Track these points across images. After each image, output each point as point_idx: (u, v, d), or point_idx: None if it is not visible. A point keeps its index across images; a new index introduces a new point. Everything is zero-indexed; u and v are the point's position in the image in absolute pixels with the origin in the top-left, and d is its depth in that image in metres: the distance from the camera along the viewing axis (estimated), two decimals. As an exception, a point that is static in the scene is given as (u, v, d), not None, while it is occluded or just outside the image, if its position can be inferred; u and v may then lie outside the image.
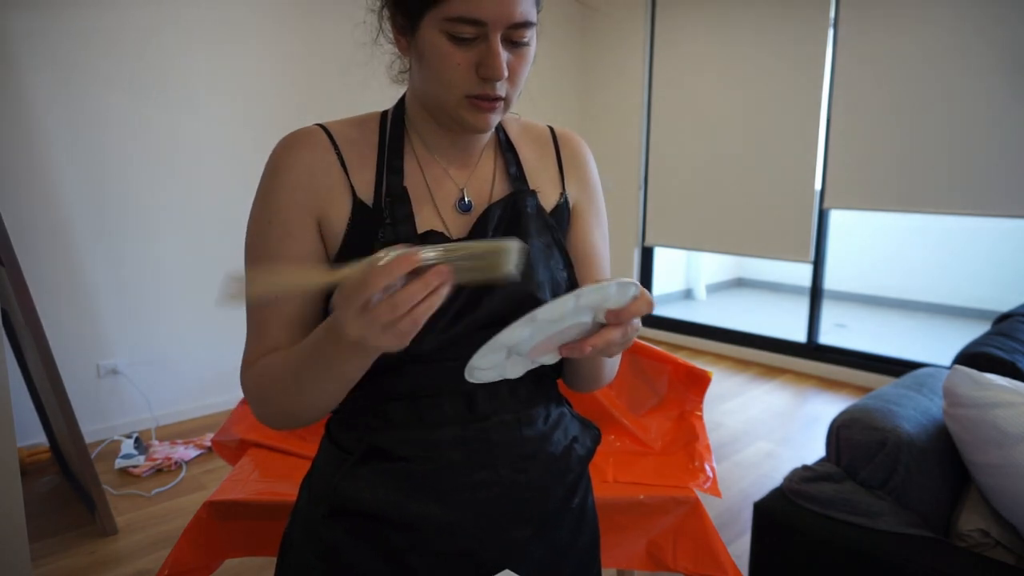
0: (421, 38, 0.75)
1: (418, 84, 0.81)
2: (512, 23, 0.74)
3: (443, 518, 0.81)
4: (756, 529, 1.43)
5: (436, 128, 0.84)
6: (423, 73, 0.78)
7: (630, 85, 4.82)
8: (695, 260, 6.71)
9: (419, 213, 0.82)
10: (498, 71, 0.74)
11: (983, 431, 1.27)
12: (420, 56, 0.76)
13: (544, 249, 0.85)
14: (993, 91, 3.38)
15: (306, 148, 0.81)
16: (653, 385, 1.77)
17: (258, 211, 0.81)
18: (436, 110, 0.81)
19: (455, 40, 0.73)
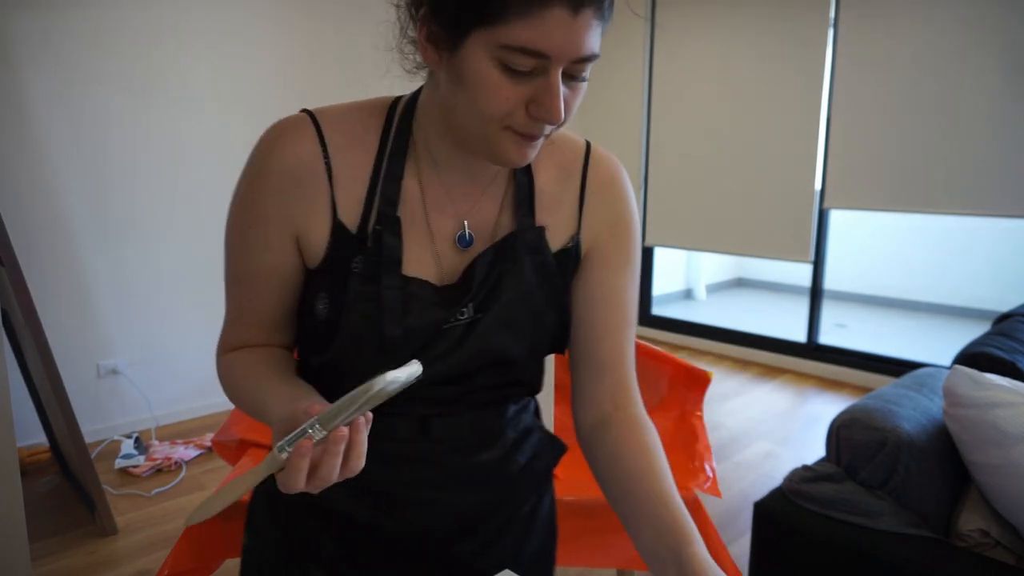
0: (464, 59, 0.63)
1: (446, 100, 0.68)
2: (578, 57, 0.64)
3: (390, 527, 0.80)
4: (756, 529, 1.43)
5: (449, 144, 0.73)
6: (458, 95, 0.66)
7: (630, 85, 4.82)
8: (695, 260, 6.71)
9: (410, 247, 0.74)
10: (557, 114, 0.64)
11: (983, 431, 1.27)
12: (458, 77, 0.64)
13: (538, 298, 0.77)
14: (993, 91, 3.38)
15: (293, 147, 0.71)
16: (653, 385, 1.77)
17: (238, 212, 0.75)
18: (463, 134, 0.69)
19: (508, 71, 0.62)
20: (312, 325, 0.75)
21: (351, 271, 0.71)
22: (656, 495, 0.73)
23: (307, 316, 0.76)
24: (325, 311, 0.73)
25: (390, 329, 0.71)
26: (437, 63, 0.67)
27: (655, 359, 1.76)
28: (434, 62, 0.67)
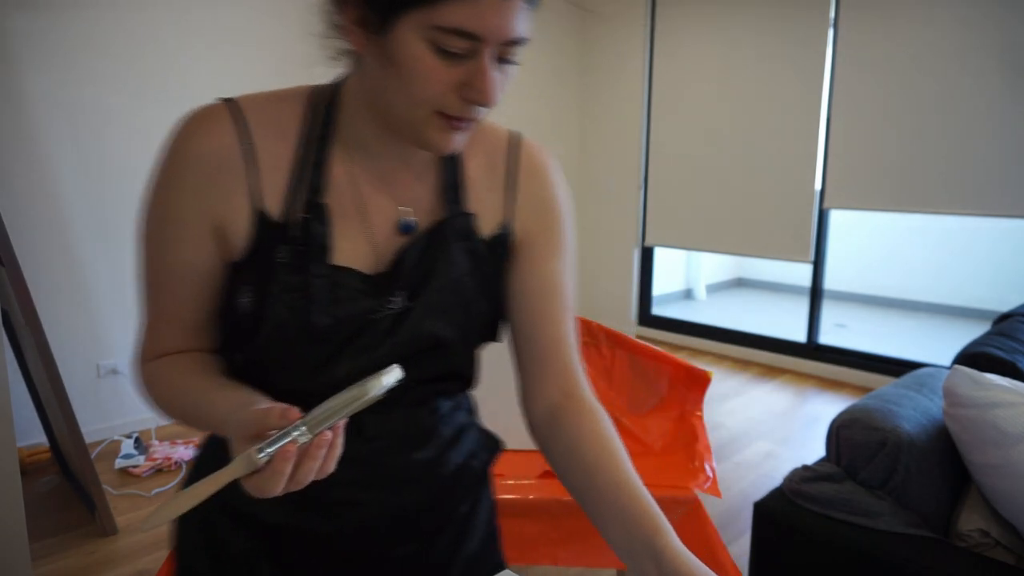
0: (396, 41, 0.62)
1: (375, 85, 0.68)
2: (509, 39, 0.64)
3: (327, 532, 0.78)
4: (756, 529, 1.43)
5: (378, 129, 0.72)
6: (388, 79, 0.65)
7: (630, 86, 4.82)
8: (695, 260, 6.71)
9: (341, 235, 0.72)
10: (490, 96, 0.64)
11: (983, 431, 1.27)
12: (389, 61, 0.63)
13: (469, 286, 0.76)
14: (993, 91, 3.38)
15: (210, 137, 0.69)
16: (653, 385, 1.77)
17: (154, 207, 0.71)
18: (392, 119, 0.68)
19: (442, 53, 0.62)
20: (235, 321, 0.72)
21: (276, 261, 0.69)
22: (620, 485, 0.73)
23: (229, 312, 0.73)
24: (249, 305, 0.70)
25: (318, 318, 0.69)
26: (365, 47, 0.65)
27: (655, 359, 1.76)
28: (361, 46, 0.66)
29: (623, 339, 1.78)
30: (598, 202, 5.12)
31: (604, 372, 1.77)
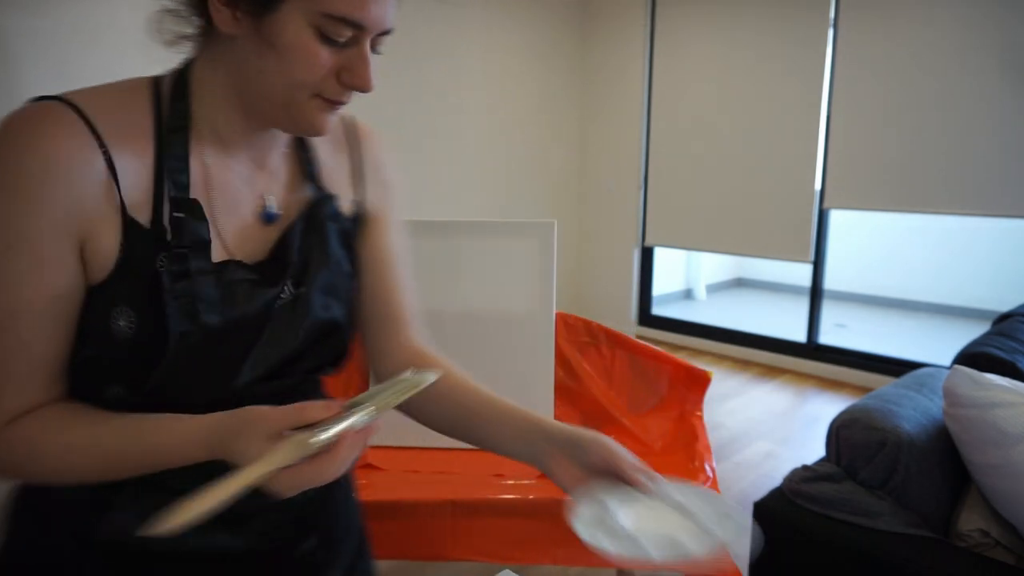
0: (279, 24, 0.62)
1: (246, 68, 0.66)
2: (384, 29, 0.67)
3: (233, 543, 0.74)
4: (756, 529, 1.43)
5: (236, 117, 0.70)
6: (266, 62, 0.64)
7: (630, 85, 4.82)
8: (695, 260, 6.71)
9: (215, 232, 0.68)
10: (368, 82, 0.67)
11: (983, 431, 1.27)
12: (269, 44, 0.63)
13: (345, 265, 0.77)
14: (993, 91, 3.38)
15: (60, 142, 0.61)
16: (653, 385, 1.77)
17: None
18: (265, 103, 0.67)
19: (326, 40, 0.63)
20: (108, 350, 0.64)
21: (158, 270, 0.63)
22: (491, 404, 0.82)
23: (99, 342, 0.64)
24: (130, 327, 0.63)
25: (220, 319, 0.66)
26: (238, 28, 0.64)
27: (655, 359, 1.76)
28: (233, 27, 0.64)
29: (623, 339, 1.79)
30: (598, 202, 5.12)
31: (604, 372, 1.77)
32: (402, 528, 1.39)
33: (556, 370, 1.71)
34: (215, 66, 0.68)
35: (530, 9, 4.67)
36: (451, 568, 2.19)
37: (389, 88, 4.00)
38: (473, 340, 1.69)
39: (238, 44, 0.66)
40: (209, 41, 0.69)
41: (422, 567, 2.19)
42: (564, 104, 5.04)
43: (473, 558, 1.39)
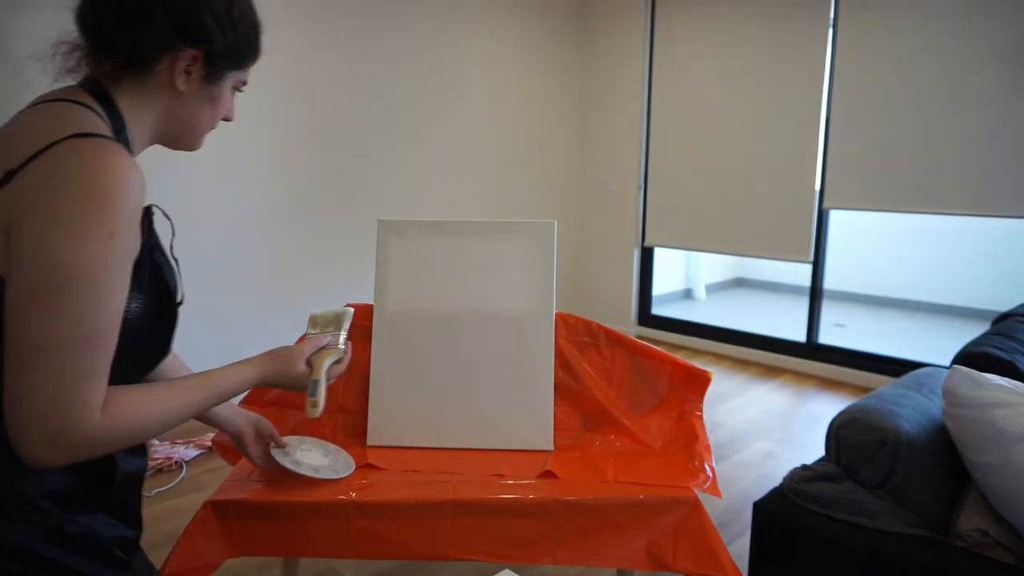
0: (220, 87, 0.93)
1: (184, 113, 0.92)
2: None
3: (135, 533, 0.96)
4: (756, 529, 1.43)
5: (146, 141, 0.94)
6: (204, 110, 0.93)
7: (630, 85, 4.82)
8: (695, 260, 6.71)
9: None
10: (232, 116, 0.99)
11: (982, 431, 1.27)
12: (211, 99, 0.93)
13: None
14: (993, 91, 3.38)
15: (137, 176, 0.78)
16: (653, 385, 1.77)
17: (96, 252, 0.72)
18: (185, 134, 0.95)
19: (234, 92, 0.98)
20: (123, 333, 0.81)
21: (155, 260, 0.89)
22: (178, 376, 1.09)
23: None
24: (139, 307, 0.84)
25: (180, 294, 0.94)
26: (186, 86, 0.90)
27: (654, 359, 1.76)
28: (184, 85, 0.89)
29: (623, 339, 1.79)
30: (598, 202, 5.12)
31: (604, 372, 1.77)
32: (402, 528, 1.39)
33: (556, 370, 1.71)
34: (149, 104, 0.90)
35: (530, 9, 4.67)
36: (451, 568, 2.19)
37: (389, 88, 4.00)
38: (473, 340, 1.69)
39: (182, 97, 0.91)
40: (142, 87, 0.88)
41: (422, 567, 2.19)
42: (564, 104, 5.05)
43: (473, 558, 1.39)
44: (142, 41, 0.85)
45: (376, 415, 1.69)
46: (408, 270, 1.74)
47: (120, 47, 0.86)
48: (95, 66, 0.89)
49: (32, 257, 0.71)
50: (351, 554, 1.40)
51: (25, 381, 0.72)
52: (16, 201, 0.73)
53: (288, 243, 3.59)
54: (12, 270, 0.72)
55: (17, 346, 0.72)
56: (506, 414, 1.68)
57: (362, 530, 1.39)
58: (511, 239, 1.73)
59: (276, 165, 3.52)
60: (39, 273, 0.71)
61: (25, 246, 0.72)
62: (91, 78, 0.89)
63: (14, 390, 0.72)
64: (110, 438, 0.78)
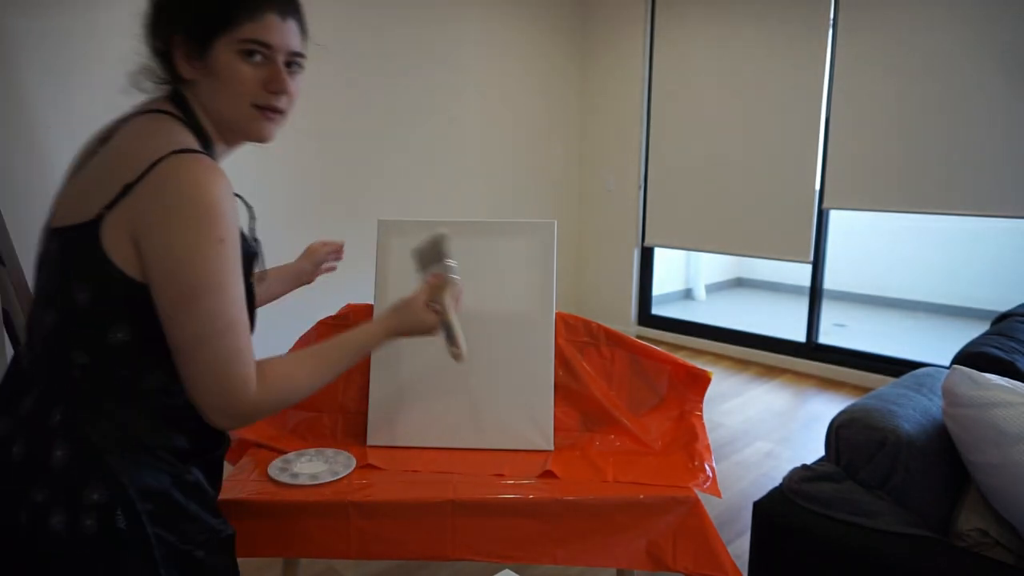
0: (214, 59, 0.92)
1: (208, 100, 0.96)
2: (291, 50, 0.96)
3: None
4: (756, 529, 1.43)
5: (219, 140, 1.00)
6: (215, 88, 0.94)
7: (630, 85, 4.82)
8: (695, 260, 6.71)
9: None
10: (284, 84, 0.95)
11: (982, 431, 1.27)
12: (213, 74, 0.93)
13: None
14: (992, 91, 3.38)
15: (224, 177, 0.90)
16: (653, 385, 1.77)
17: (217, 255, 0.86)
18: (226, 121, 0.98)
19: (246, 59, 0.93)
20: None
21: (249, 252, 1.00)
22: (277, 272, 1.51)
23: None
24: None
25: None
26: (193, 72, 0.94)
27: (655, 359, 1.76)
28: (190, 72, 0.94)
29: (623, 339, 1.79)
30: (598, 202, 5.12)
31: (604, 372, 1.77)
32: (402, 528, 1.39)
33: (556, 370, 1.71)
34: (196, 100, 0.97)
35: (530, 9, 4.67)
36: (451, 568, 2.19)
37: (390, 89, 4.00)
38: (473, 339, 1.69)
39: (199, 85, 0.95)
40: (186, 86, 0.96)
41: (422, 567, 2.19)
42: (564, 104, 5.05)
43: (473, 558, 1.39)
44: (156, 46, 0.96)
45: (376, 415, 1.70)
46: (408, 270, 1.74)
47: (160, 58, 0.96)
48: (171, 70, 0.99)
49: (162, 270, 0.86)
50: (351, 554, 1.41)
51: (191, 371, 0.88)
52: (137, 214, 0.86)
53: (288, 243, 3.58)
54: (150, 279, 0.87)
55: (176, 345, 0.88)
56: (506, 414, 1.68)
57: (362, 530, 1.39)
58: (511, 239, 1.73)
59: (276, 165, 3.52)
60: (172, 284, 0.86)
61: (154, 260, 0.86)
62: (170, 83, 0.98)
63: (187, 378, 0.89)
64: (270, 404, 0.93)
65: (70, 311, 0.89)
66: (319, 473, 1.48)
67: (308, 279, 1.55)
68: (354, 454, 1.58)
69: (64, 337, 0.90)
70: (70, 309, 0.89)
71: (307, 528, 1.39)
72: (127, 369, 0.91)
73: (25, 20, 2.84)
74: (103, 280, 0.87)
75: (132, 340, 0.90)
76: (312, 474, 1.48)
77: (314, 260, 1.56)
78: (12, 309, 2.29)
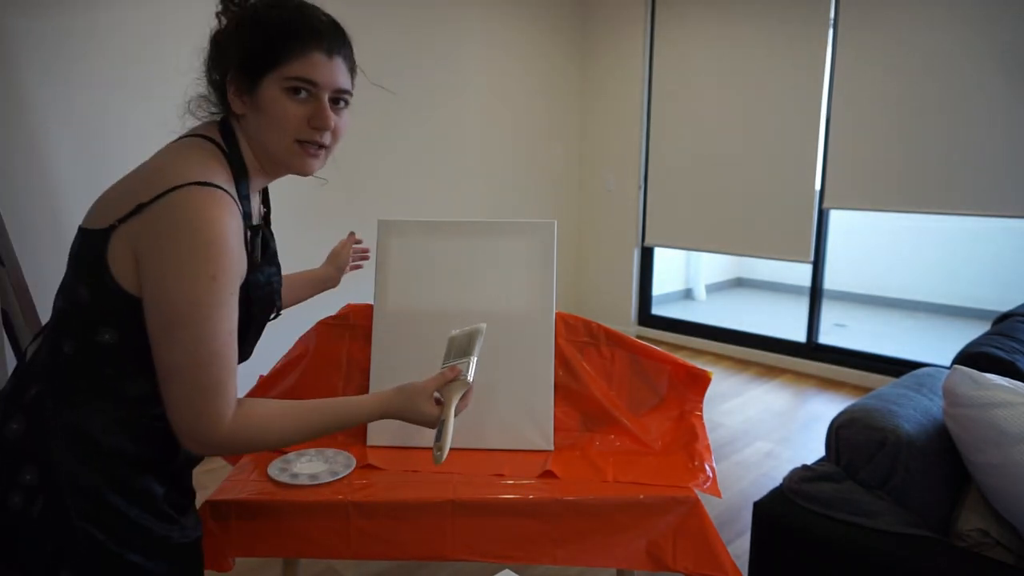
0: (262, 96, 0.97)
1: (255, 133, 1.00)
2: (337, 88, 1.00)
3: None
4: (756, 529, 1.43)
5: (260, 172, 1.05)
6: (262, 123, 0.98)
7: (630, 85, 4.82)
8: (695, 260, 6.71)
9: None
10: (327, 121, 0.99)
11: (983, 431, 1.27)
12: (260, 110, 0.97)
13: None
14: (993, 91, 3.38)
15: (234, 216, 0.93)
16: (653, 385, 1.77)
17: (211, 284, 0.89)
18: (269, 155, 1.01)
19: (292, 96, 0.97)
20: None
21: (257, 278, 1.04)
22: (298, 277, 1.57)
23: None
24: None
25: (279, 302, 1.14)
26: (242, 108, 0.99)
27: (655, 359, 1.76)
28: (240, 107, 0.99)
29: (623, 339, 1.79)
30: (598, 202, 5.12)
31: (604, 372, 1.77)
32: (402, 528, 1.39)
33: (556, 370, 1.71)
34: (243, 133, 1.02)
35: (530, 9, 4.67)
36: (451, 568, 2.19)
37: (389, 88, 3.99)
38: (473, 340, 1.69)
39: (247, 118, 1.00)
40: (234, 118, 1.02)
41: (422, 567, 2.19)
42: (564, 104, 5.04)
43: (473, 558, 1.39)
44: (214, 79, 1.02)
45: (376, 415, 1.69)
46: (408, 270, 1.74)
47: (217, 91, 1.02)
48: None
49: (153, 292, 0.89)
50: (351, 554, 1.40)
51: (169, 394, 0.91)
52: (142, 234, 0.89)
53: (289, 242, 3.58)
54: (144, 298, 0.91)
55: (159, 365, 0.91)
56: (506, 414, 1.68)
57: (362, 530, 1.39)
58: (511, 239, 1.73)
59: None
60: (160, 309, 0.89)
61: (148, 281, 0.89)
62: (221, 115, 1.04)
63: (166, 399, 0.92)
64: (239, 443, 0.95)
65: (73, 303, 0.94)
66: (319, 473, 1.49)
67: (333, 284, 1.59)
68: (354, 454, 1.58)
69: (62, 324, 0.95)
70: (74, 302, 0.94)
71: (307, 528, 1.39)
72: (111, 368, 0.94)
73: (25, 20, 2.84)
74: (100, 285, 0.91)
75: (119, 344, 0.93)
76: (312, 474, 1.48)
77: (338, 264, 1.60)
78: (12, 309, 2.29)
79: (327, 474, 1.48)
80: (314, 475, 1.48)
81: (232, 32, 0.99)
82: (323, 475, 1.48)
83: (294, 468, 1.51)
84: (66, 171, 3.02)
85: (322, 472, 1.49)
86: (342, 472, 1.49)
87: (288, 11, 0.98)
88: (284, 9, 0.98)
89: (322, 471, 1.50)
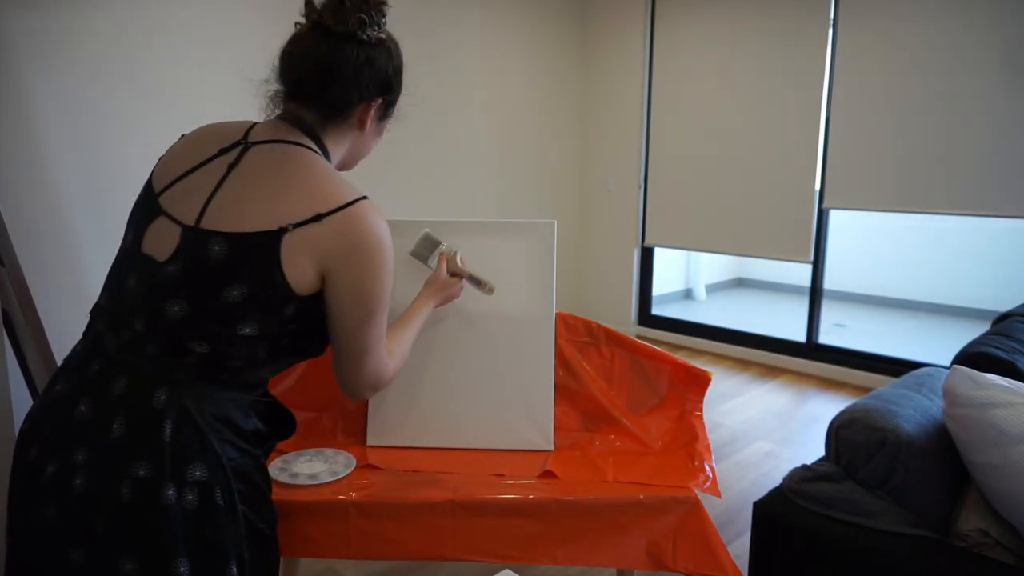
0: (384, 123, 1.24)
1: (352, 144, 1.20)
2: None
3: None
4: (756, 529, 1.43)
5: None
6: (366, 138, 1.21)
7: (630, 85, 4.82)
8: (695, 260, 6.71)
9: None
10: None
11: (982, 431, 1.27)
12: (379, 133, 1.24)
13: None
14: (992, 91, 3.38)
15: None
16: (653, 385, 1.77)
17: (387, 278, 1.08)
18: (349, 161, 1.24)
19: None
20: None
21: None
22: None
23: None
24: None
25: None
26: (368, 126, 1.19)
27: (655, 359, 1.76)
28: (366, 127, 1.19)
29: (623, 339, 1.78)
30: (598, 202, 5.12)
31: (604, 372, 1.77)
32: (402, 528, 1.39)
33: (556, 370, 1.71)
34: (343, 141, 1.18)
35: (530, 9, 4.67)
36: (451, 568, 2.19)
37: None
38: (472, 340, 1.69)
39: (364, 133, 1.20)
40: (338, 129, 1.16)
41: (422, 567, 2.19)
42: (564, 104, 5.04)
43: (473, 558, 1.39)
44: (352, 96, 1.12)
45: (376, 415, 1.69)
46: (408, 268, 1.74)
47: (335, 103, 1.12)
48: (299, 112, 1.13)
49: (352, 297, 1.06)
50: (351, 554, 1.40)
51: (355, 368, 1.13)
52: (328, 246, 1.02)
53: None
54: (334, 301, 1.06)
55: (350, 347, 1.11)
56: (506, 414, 1.68)
57: (362, 530, 1.38)
58: (511, 239, 1.73)
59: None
60: (359, 308, 1.07)
61: (344, 288, 1.05)
62: (305, 124, 1.12)
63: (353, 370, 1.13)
64: (395, 371, 1.23)
65: (208, 305, 0.99)
66: (319, 473, 1.48)
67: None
68: (354, 454, 1.58)
69: (188, 327, 1.00)
70: (210, 303, 0.99)
71: (307, 528, 1.39)
72: (240, 361, 1.03)
73: (25, 20, 2.84)
74: (265, 283, 1.00)
75: (257, 336, 1.02)
76: (311, 474, 1.48)
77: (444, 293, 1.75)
78: (12, 309, 2.29)
79: (327, 474, 1.48)
80: (314, 475, 1.47)
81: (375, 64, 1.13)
82: (323, 475, 1.48)
83: (294, 468, 1.50)
84: (66, 171, 3.02)
85: (322, 472, 1.49)
86: (342, 472, 1.49)
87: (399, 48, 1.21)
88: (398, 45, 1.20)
89: (322, 471, 1.50)
